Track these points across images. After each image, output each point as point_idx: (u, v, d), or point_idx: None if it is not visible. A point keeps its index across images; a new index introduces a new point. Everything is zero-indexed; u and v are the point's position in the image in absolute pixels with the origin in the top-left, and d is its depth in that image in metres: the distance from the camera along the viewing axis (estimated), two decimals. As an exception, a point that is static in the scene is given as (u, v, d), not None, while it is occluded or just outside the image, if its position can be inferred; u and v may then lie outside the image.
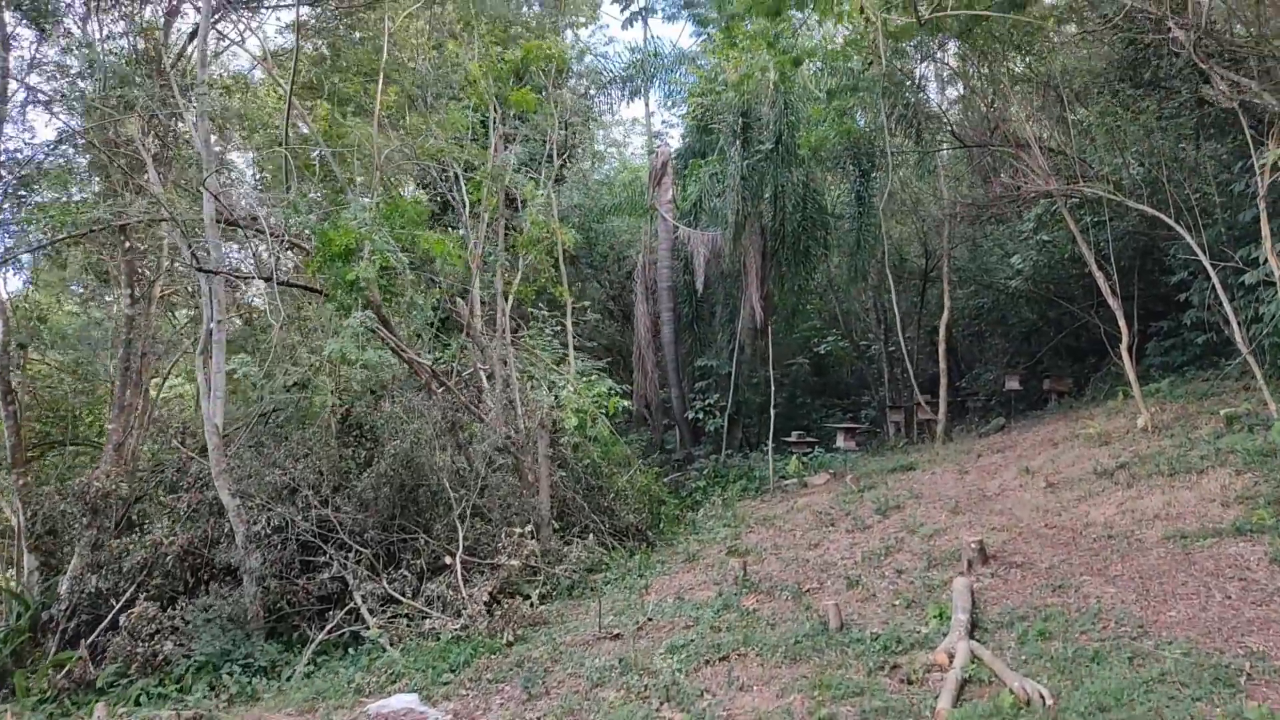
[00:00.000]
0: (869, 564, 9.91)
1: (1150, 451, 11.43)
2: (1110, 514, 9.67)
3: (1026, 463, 13.12)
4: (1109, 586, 7.59)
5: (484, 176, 13.43)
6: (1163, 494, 9.73)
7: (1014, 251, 22.08)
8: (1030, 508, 10.77)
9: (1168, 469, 10.31)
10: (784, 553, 11.37)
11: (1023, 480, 12.22)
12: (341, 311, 9.39)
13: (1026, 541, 9.40)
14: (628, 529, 13.54)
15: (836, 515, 12.63)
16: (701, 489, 18.46)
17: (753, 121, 19.73)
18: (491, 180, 13.41)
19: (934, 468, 15.05)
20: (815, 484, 16.76)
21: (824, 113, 17.50)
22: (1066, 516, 10.07)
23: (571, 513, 13.37)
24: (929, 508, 11.83)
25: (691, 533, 14.38)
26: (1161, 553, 8.18)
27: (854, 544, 10.98)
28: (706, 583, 10.58)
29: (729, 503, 16.51)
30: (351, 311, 9.35)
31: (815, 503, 14.20)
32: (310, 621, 10.48)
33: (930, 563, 9.33)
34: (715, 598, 9.68)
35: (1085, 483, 11.10)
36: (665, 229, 21.85)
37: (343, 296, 9.14)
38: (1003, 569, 8.60)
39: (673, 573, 11.63)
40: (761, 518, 13.96)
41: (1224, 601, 6.87)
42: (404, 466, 11.31)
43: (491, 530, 11.66)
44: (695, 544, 13.21)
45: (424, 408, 11.70)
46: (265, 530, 10.42)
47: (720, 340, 22.03)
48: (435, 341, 14.82)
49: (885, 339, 24.86)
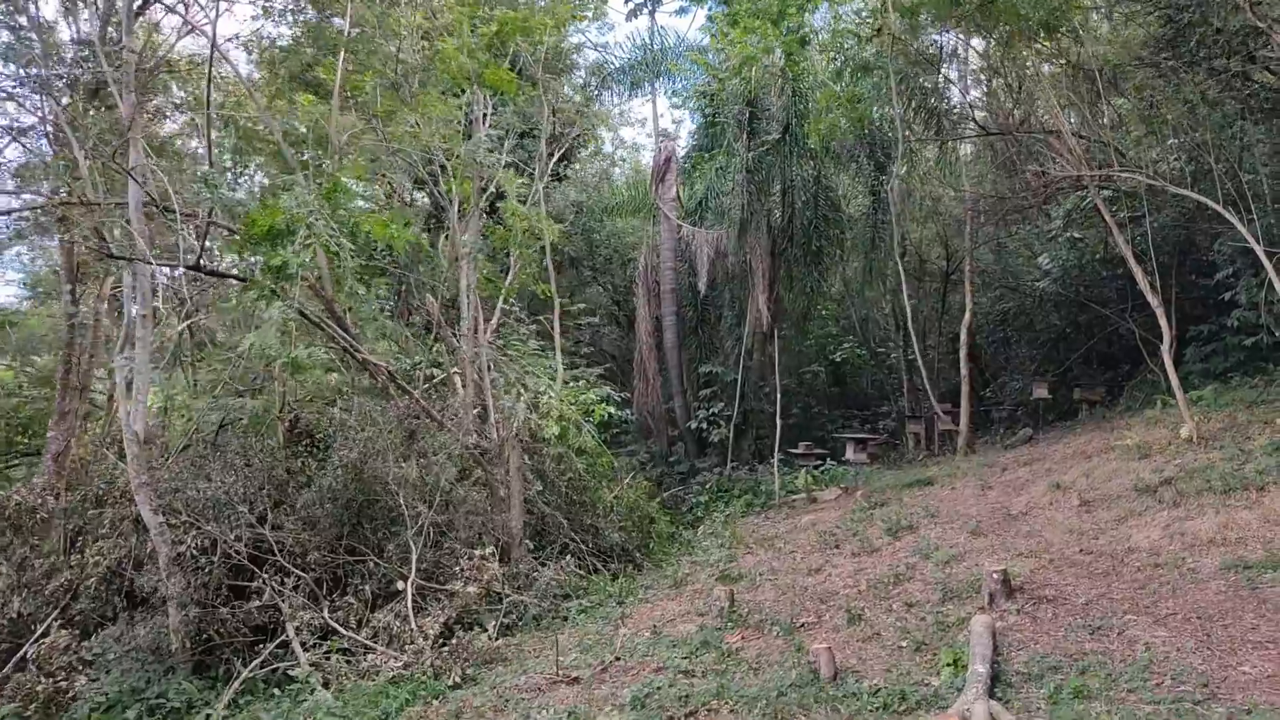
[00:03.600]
0: (875, 594, 8.60)
1: (1198, 465, 10.05)
2: (1155, 538, 8.32)
3: (1057, 478, 11.76)
4: (1160, 629, 6.25)
5: (456, 163, 12.29)
6: (1216, 514, 8.36)
7: (1042, 251, 20.69)
8: (1062, 529, 9.42)
9: (1221, 485, 8.93)
10: (781, 578, 10.07)
11: (1053, 497, 10.86)
12: (262, 301, 8.25)
13: (1058, 570, 8.06)
14: (612, 549, 12.29)
15: (842, 536, 11.32)
16: (703, 505, 17.21)
17: (759, 112, 18.54)
18: (465, 166, 12.27)
19: (954, 482, 13.70)
20: (825, 499, 15.45)
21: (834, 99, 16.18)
22: (1104, 540, 8.71)
23: (550, 531, 12.14)
24: (946, 528, 10.50)
25: (685, 553, 13.11)
26: (1222, 586, 6.83)
27: (859, 570, 9.66)
28: (690, 614, 9.30)
29: (730, 520, 15.25)
30: (273, 303, 8.18)
31: (822, 521, 12.89)
32: (242, 655, 9.30)
33: (946, 594, 8.01)
34: (696, 632, 8.41)
35: (1124, 500, 9.73)
36: (669, 228, 20.66)
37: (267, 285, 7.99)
38: (1031, 604, 7.27)
39: (656, 600, 10.36)
40: (762, 537, 12.67)
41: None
42: (353, 480, 10.13)
43: (457, 551, 10.44)
44: (687, 567, 11.95)
45: (379, 414, 10.53)
46: (192, 551, 9.27)
47: (727, 346, 20.78)
48: (420, 343, 13.75)
49: (904, 346, 23.52)
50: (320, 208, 8.71)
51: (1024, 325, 22.25)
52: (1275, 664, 5.42)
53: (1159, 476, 9.91)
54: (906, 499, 13.17)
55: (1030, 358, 22.64)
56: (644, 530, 13.26)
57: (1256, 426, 10.98)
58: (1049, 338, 21.55)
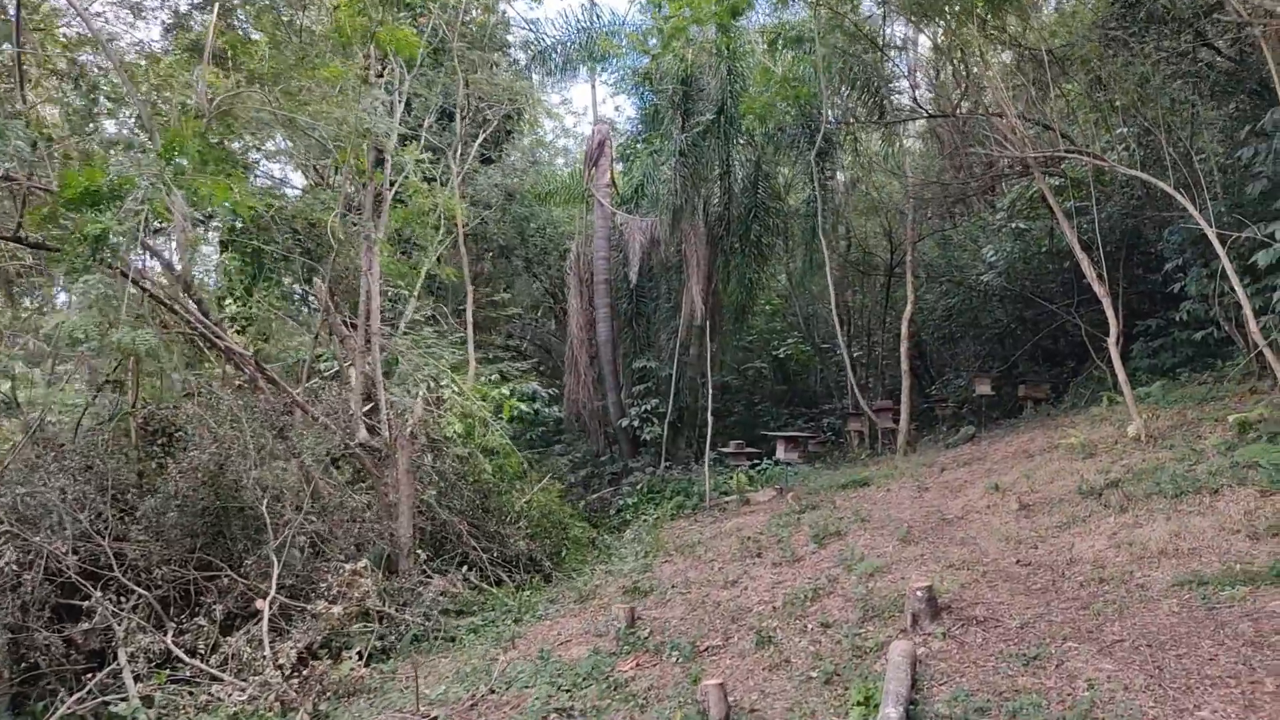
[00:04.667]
0: (790, 612, 7.61)
1: (1147, 466, 9.24)
2: (1101, 547, 7.44)
3: (997, 479, 10.92)
4: (1105, 660, 5.32)
5: (348, 135, 11.09)
6: (1167, 520, 7.52)
7: (986, 243, 20.02)
8: (999, 537, 8.53)
9: (1171, 488, 8.10)
10: (695, 591, 9.06)
11: (991, 500, 10.00)
12: (73, 275, 7.04)
13: (992, 585, 7.14)
14: (517, 558, 11.19)
15: (766, 543, 10.35)
16: (633, 507, 16.17)
17: (694, 92, 17.53)
18: (353, 135, 11.07)
19: (890, 483, 12.83)
20: (759, 501, 14.51)
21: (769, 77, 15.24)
22: (1044, 550, 7.83)
23: (450, 540, 11.02)
24: (876, 535, 9.57)
25: (603, 561, 12.07)
26: (1174, 606, 5.94)
27: (779, 582, 8.68)
28: (588, 634, 8.26)
29: (658, 524, 14.27)
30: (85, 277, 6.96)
31: (749, 525, 11.92)
32: (71, 685, 8.05)
33: (866, 613, 7.05)
34: (587, 658, 7.36)
35: (1067, 504, 8.88)
36: (603, 215, 19.58)
37: (79, 254, 6.78)
38: (959, 626, 6.32)
39: (557, 617, 9.30)
40: (684, 544, 11.66)
41: (1278, 690, 4.63)
42: (209, 485, 8.91)
43: (335, 565, 9.28)
44: (601, 577, 10.92)
45: (241, 410, 9.31)
46: (11, 565, 8.00)
47: (661, 340, 19.76)
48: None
49: (849, 341, 22.74)
50: (160, 170, 7.48)
51: (970, 321, 21.60)
52: (1240, 707, 4.50)
53: (1105, 478, 9.08)
54: (840, 501, 12.28)
55: (976, 354, 22.02)
56: (557, 537, 12.18)
57: (1208, 424, 10.23)
58: (994, 333, 20.93)
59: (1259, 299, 11.18)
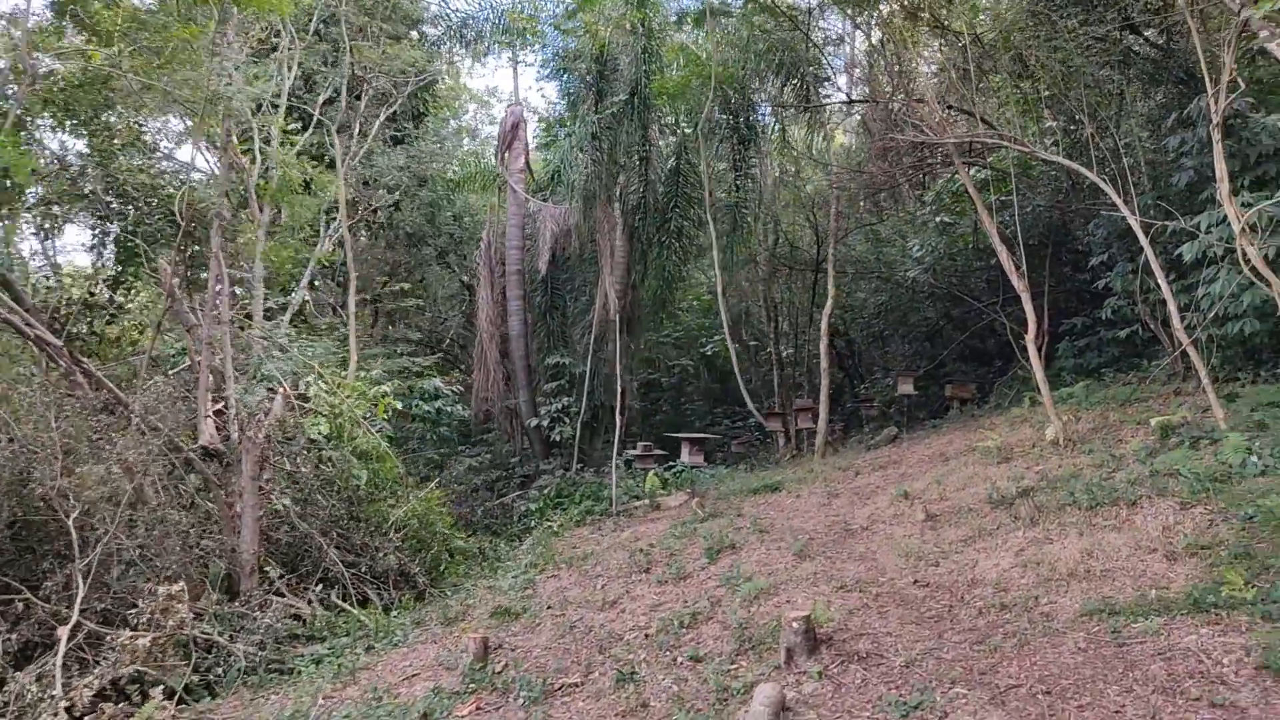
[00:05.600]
0: (662, 641, 6.70)
1: (1062, 473, 8.54)
2: (1006, 566, 6.66)
3: (909, 484, 10.17)
4: (995, 711, 4.50)
5: (198, 97, 9.89)
6: (1080, 536, 6.77)
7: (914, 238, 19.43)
8: (900, 551, 7.72)
9: (1086, 499, 7.37)
10: (569, 613, 8.12)
11: (899, 509, 9.21)
12: None
13: (883, 611, 6.30)
14: (387, 574, 10.11)
15: (658, 556, 9.43)
16: (537, 512, 15.15)
17: (609, 71, 16.56)
18: (209, 103, 9.88)
19: (802, 488, 12.03)
20: (669, 506, 13.60)
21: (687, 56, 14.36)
22: (945, 568, 7.03)
23: (309, 554, 9.90)
24: (772, 548, 8.70)
25: (489, 575, 11.06)
26: (1081, 641, 5.14)
27: (659, 604, 7.77)
28: (439, 666, 7.24)
29: (560, 531, 13.29)
30: None
31: (647, 535, 11.01)
32: None
33: (741, 644, 6.16)
34: (424, 699, 6.37)
35: (976, 515, 8.12)
36: (516, 203, 18.52)
37: None
38: (838, 664, 5.46)
39: (416, 643, 8.26)
40: (577, 555, 10.70)
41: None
42: (9, 493, 7.69)
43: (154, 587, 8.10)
44: (481, 593, 9.89)
45: (48, 408, 8.08)
46: None
47: (576, 335, 18.77)
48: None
49: (776, 338, 22.05)
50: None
51: (899, 319, 21.04)
52: (1146, 780, 3.69)
53: (1017, 486, 8.35)
54: (747, 508, 11.43)
55: (905, 353, 21.47)
56: (437, 549, 11.12)
57: (1129, 428, 9.60)
58: (923, 331, 20.38)
59: (1184, 295, 10.63)
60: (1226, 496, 6.53)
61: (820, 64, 16.49)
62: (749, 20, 14.76)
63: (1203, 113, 10.45)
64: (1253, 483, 6.65)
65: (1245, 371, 10.05)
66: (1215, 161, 7.87)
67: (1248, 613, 4.90)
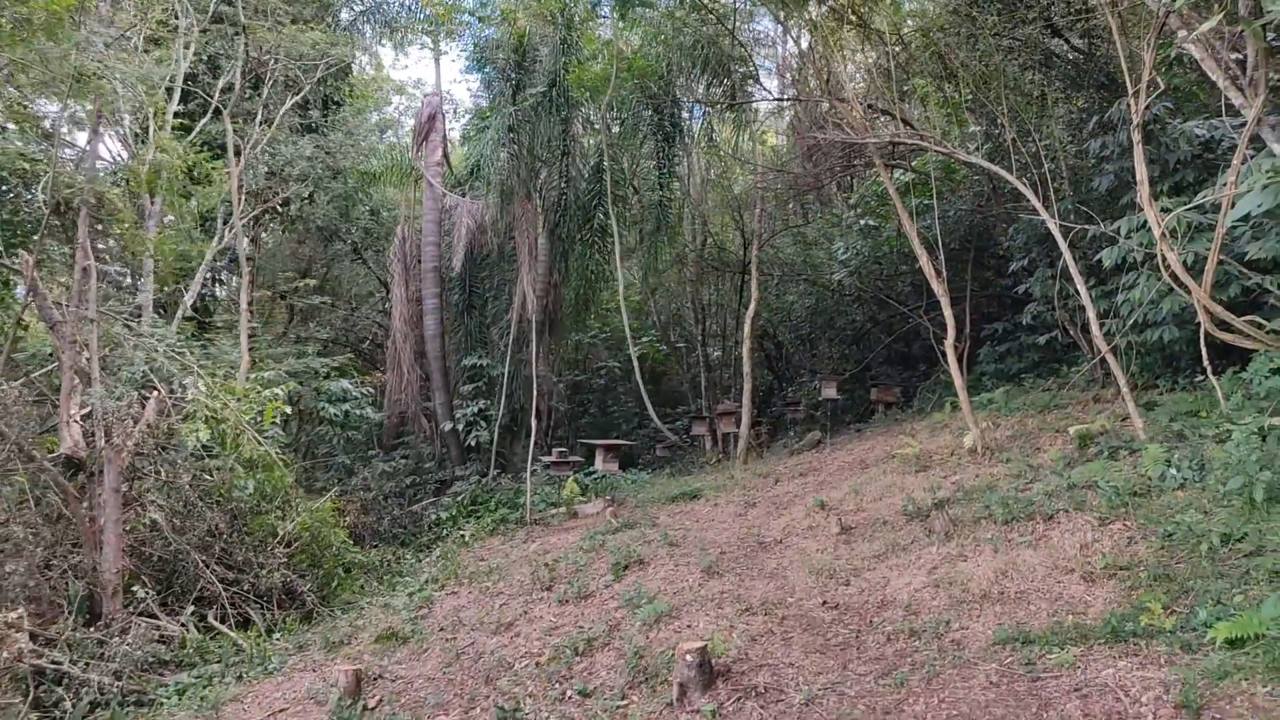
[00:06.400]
0: (553, 671, 6.15)
1: (979, 484, 8.24)
2: (917, 586, 6.28)
3: (826, 493, 9.81)
4: (898, 759, 4.06)
5: (64, 75, 9.00)
6: (995, 553, 6.42)
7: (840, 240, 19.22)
8: (811, 569, 7.30)
9: (1002, 513, 7.03)
10: (461, 636, 7.52)
11: (814, 520, 8.82)
12: None
13: (787, 637, 5.84)
14: (271, 593, 9.35)
15: (562, 572, 8.87)
16: (449, 521, 14.45)
17: (529, 63, 15.94)
18: (75, 81, 9.00)
19: (720, 496, 11.61)
20: (587, 514, 13.07)
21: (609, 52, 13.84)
22: (856, 587, 6.62)
23: (188, 572, 9.09)
24: (681, 564, 8.21)
25: (387, 591, 10.36)
26: (993, 674, 4.75)
27: (556, 626, 7.21)
28: (308, 700, 6.57)
29: (471, 541, 12.69)
30: None
31: (557, 547, 10.46)
32: None
33: (635, 676, 5.65)
34: (284, 739, 5.72)
35: (890, 528, 7.76)
36: (432, 197, 17.76)
37: None
38: (734, 701, 4.98)
39: (292, 671, 7.56)
40: (481, 570, 10.08)
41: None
42: None
43: (5, 609, 7.26)
44: (376, 612, 9.21)
45: None
46: None
47: (494, 335, 18.08)
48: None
49: (704, 340, 21.68)
50: None
51: (826, 322, 20.85)
52: None
53: (933, 497, 8.00)
54: (663, 517, 10.96)
55: (832, 356, 21.30)
56: (329, 565, 10.37)
57: (1047, 435, 9.37)
58: (849, 335, 20.22)
59: (1104, 302, 10.48)
60: (1145, 512, 6.24)
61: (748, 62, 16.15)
62: (672, 15, 14.29)
63: (1124, 116, 10.30)
64: (1171, 497, 6.38)
65: (1164, 379, 9.91)
66: (1136, 164, 7.63)
67: (1166, 643, 4.56)
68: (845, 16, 13.18)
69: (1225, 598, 4.81)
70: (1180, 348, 9.40)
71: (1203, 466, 6.64)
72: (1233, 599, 4.77)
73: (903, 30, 13.61)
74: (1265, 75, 6.43)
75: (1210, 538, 5.45)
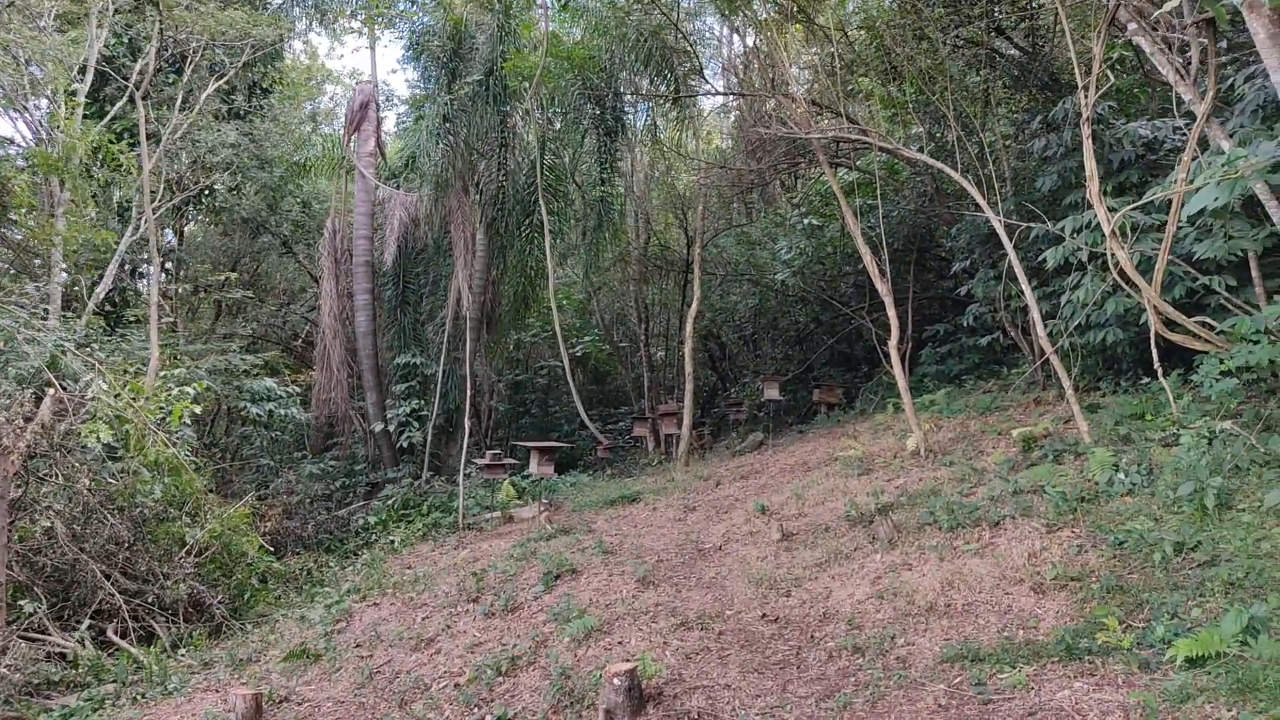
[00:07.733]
0: (472, 694, 5.69)
1: (923, 488, 7.99)
2: (861, 598, 5.96)
3: (768, 497, 9.50)
4: (841, 795, 3.70)
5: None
6: (940, 562, 6.14)
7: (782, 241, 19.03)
8: (751, 578, 6.95)
9: (947, 519, 6.77)
10: (378, 654, 7.00)
11: (755, 526, 8.49)
12: None
13: (724, 655, 5.48)
14: (177, 605, 8.70)
15: (490, 582, 8.39)
16: (379, 525, 13.82)
17: (465, 51, 15.39)
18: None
19: (659, 500, 11.24)
20: (523, 517, 12.58)
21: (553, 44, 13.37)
22: (797, 598, 6.29)
23: (84, 582, 8.40)
24: (615, 574, 7.80)
25: (302, 603, 9.74)
26: (940, 695, 4.43)
27: (480, 642, 6.75)
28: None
29: (400, 547, 12.11)
30: None
31: (488, 554, 9.96)
32: None
33: (558, 699, 5.22)
34: (168, 775, 5.16)
35: (833, 534, 7.45)
36: (365, 188, 17.06)
37: None
38: (665, 727, 4.59)
39: (193, 691, 6.96)
40: (407, 579, 9.53)
41: None
42: None
43: None
44: (291, 625, 8.63)
45: None
46: None
47: (429, 333, 17.47)
48: None
49: (647, 340, 21.29)
50: None
51: (770, 323, 20.64)
52: None
53: (877, 502, 7.71)
54: (600, 522, 10.55)
55: (776, 356, 21.11)
56: (241, 575, 9.74)
57: (990, 438, 9.19)
58: (793, 335, 20.06)
59: (1046, 303, 10.34)
60: (1094, 519, 6.02)
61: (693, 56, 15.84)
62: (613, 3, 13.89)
63: (1068, 116, 10.21)
64: (1120, 503, 6.17)
65: (1106, 381, 9.80)
66: (1085, 159, 7.45)
67: (1124, 661, 4.28)
68: (790, 13, 12.95)
69: (1182, 611, 4.57)
70: (1123, 349, 9.29)
71: (1151, 471, 6.46)
72: (1189, 612, 4.53)
73: (848, 29, 13.40)
74: (1214, 67, 6.27)
75: (1163, 546, 5.23)
